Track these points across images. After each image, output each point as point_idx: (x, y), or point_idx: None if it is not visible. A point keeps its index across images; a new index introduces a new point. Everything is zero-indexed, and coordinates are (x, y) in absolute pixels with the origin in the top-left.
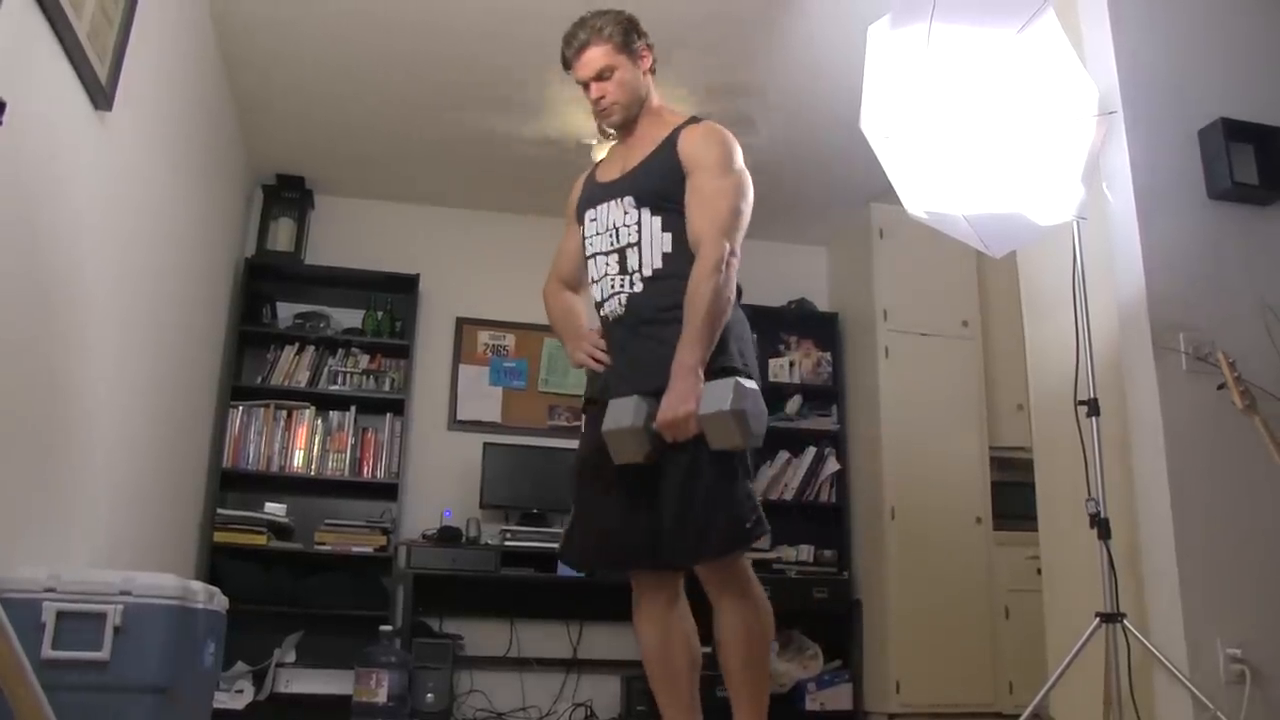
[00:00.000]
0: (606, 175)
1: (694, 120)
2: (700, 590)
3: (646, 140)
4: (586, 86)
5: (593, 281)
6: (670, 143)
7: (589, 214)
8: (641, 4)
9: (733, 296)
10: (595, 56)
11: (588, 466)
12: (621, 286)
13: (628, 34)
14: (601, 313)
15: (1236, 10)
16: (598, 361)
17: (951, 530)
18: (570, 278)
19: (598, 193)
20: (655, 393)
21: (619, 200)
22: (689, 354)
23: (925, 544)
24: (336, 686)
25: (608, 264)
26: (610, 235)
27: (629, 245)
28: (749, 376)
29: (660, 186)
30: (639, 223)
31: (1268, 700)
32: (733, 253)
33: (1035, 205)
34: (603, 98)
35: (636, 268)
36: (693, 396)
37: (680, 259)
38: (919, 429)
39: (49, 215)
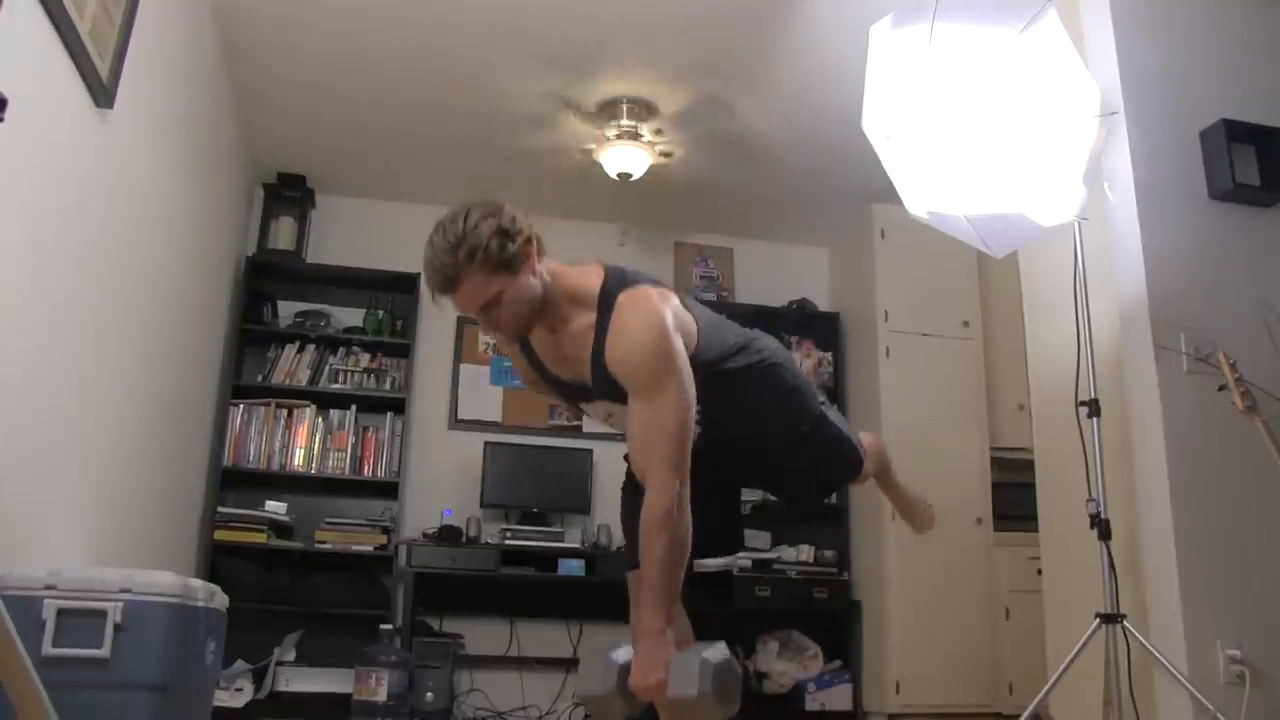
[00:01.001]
0: (560, 371)
1: (605, 302)
2: (708, 591)
3: (572, 340)
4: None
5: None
6: (600, 363)
7: (580, 404)
8: (642, 6)
9: (687, 538)
10: (473, 292)
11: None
12: None
13: (503, 247)
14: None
15: (1238, 12)
16: None
17: (952, 531)
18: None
19: (572, 391)
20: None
21: (600, 401)
22: (648, 619)
23: (925, 544)
24: (336, 685)
25: (610, 425)
26: (604, 421)
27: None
28: (817, 399)
29: (621, 390)
30: (625, 408)
31: (1267, 701)
32: (682, 482)
33: (1036, 205)
34: (496, 324)
35: None
36: (661, 664)
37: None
38: (920, 429)
39: (50, 213)
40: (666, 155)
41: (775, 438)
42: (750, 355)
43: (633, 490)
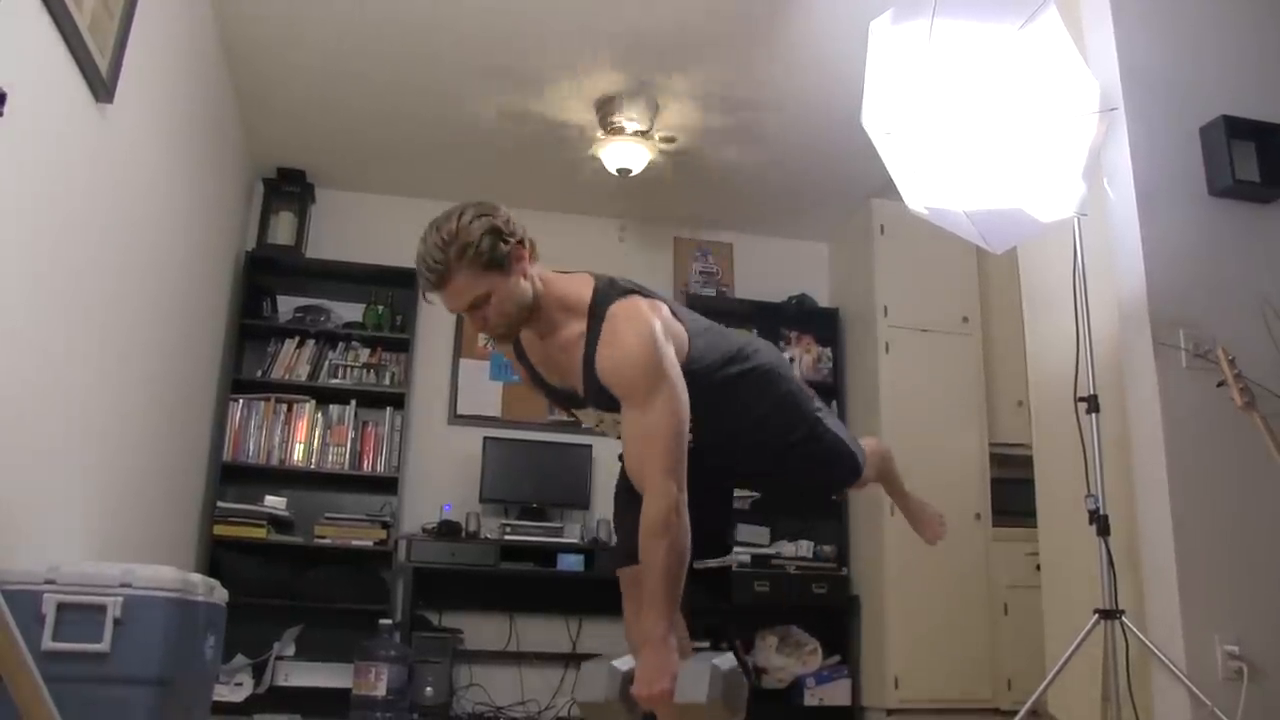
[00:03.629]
0: (552, 377)
1: (596, 313)
2: (707, 587)
3: (563, 349)
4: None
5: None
6: (591, 373)
7: (571, 409)
8: (641, 1)
9: (686, 544)
10: (461, 289)
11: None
12: None
13: (495, 248)
14: None
15: (1238, 7)
16: None
17: (951, 526)
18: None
19: (564, 399)
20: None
21: (589, 409)
22: (655, 625)
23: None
24: (336, 680)
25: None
26: (601, 426)
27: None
28: (823, 411)
29: (613, 399)
30: (619, 420)
31: (1265, 697)
32: (680, 488)
33: (1036, 201)
34: (485, 323)
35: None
36: (667, 672)
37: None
38: (919, 425)
39: (50, 208)
40: (666, 151)
41: (767, 443)
42: (742, 363)
43: (626, 490)
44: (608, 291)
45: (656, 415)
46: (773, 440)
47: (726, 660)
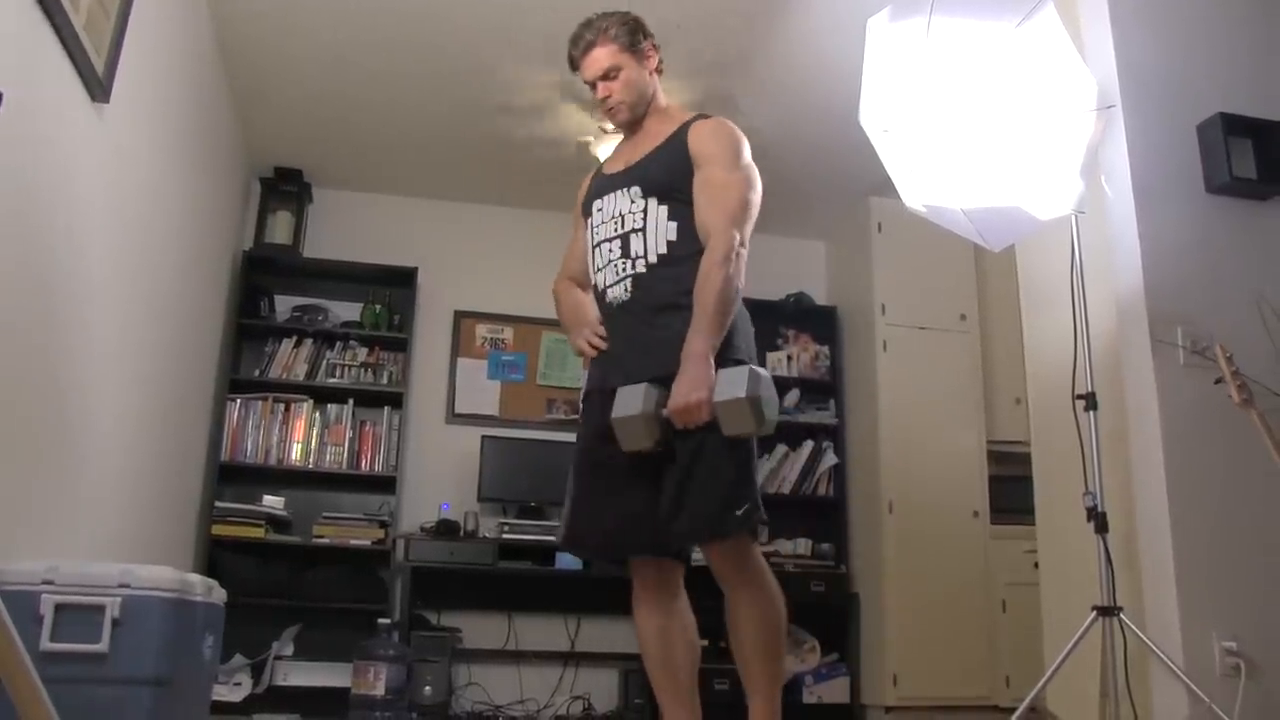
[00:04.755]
0: (613, 168)
1: (702, 116)
2: (700, 585)
3: (654, 135)
4: (593, 86)
5: (596, 270)
6: (679, 136)
7: (595, 204)
8: None
9: (741, 286)
10: (601, 57)
11: (588, 458)
12: (626, 271)
13: (634, 34)
14: (605, 300)
15: (1235, 5)
16: (594, 348)
17: (949, 524)
18: (580, 277)
19: (604, 185)
20: (662, 380)
21: (625, 190)
22: (700, 341)
23: (923, 538)
24: (334, 679)
25: (610, 250)
26: (615, 222)
27: (633, 230)
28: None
29: (668, 177)
30: (644, 210)
31: (1262, 693)
32: (742, 243)
33: (1034, 199)
34: (609, 96)
35: (641, 253)
36: (705, 383)
37: (685, 248)
38: (917, 423)
39: (46, 208)
40: None
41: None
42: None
43: (597, 466)
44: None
45: (735, 178)
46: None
47: (763, 370)
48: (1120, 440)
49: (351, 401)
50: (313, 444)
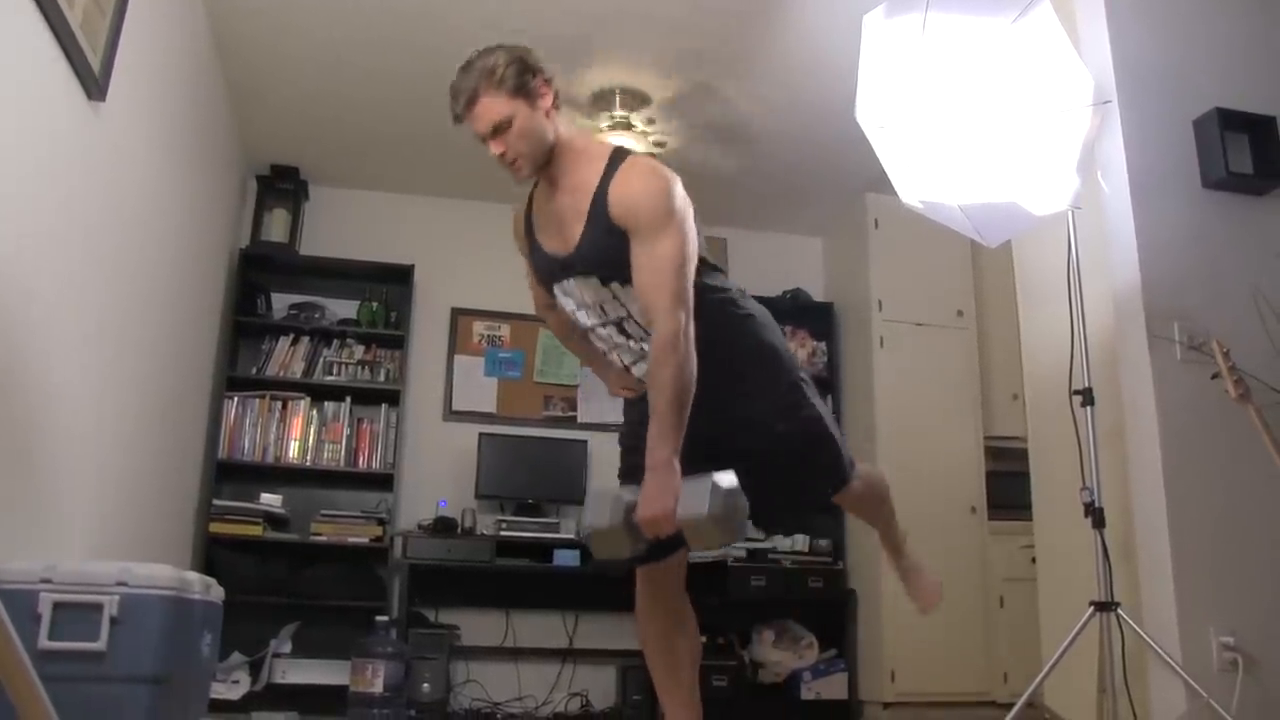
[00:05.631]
0: (550, 243)
1: (614, 161)
2: (700, 583)
3: (573, 200)
4: (485, 141)
5: (605, 350)
6: (600, 206)
7: (557, 289)
8: None
9: (693, 369)
10: (488, 109)
11: (626, 461)
12: (639, 351)
13: (521, 75)
14: (634, 374)
15: (1231, 1)
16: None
17: (946, 520)
18: (550, 309)
19: (554, 267)
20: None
21: (583, 279)
22: (659, 449)
23: (920, 533)
24: (333, 677)
25: (610, 335)
26: (596, 311)
27: (621, 319)
28: (807, 380)
29: (613, 260)
30: (616, 296)
31: (1260, 688)
32: (688, 318)
33: (1030, 195)
34: (504, 153)
35: (641, 334)
36: (670, 493)
37: None
38: (914, 419)
39: (42, 206)
40: (659, 145)
41: (751, 402)
42: (733, 294)
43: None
44: (631, 151)
45: (667, 246)
46: (757, 400)
47: (726, 478)
48: (1117, 436)
49: (349, 399)
50: (310, 442)
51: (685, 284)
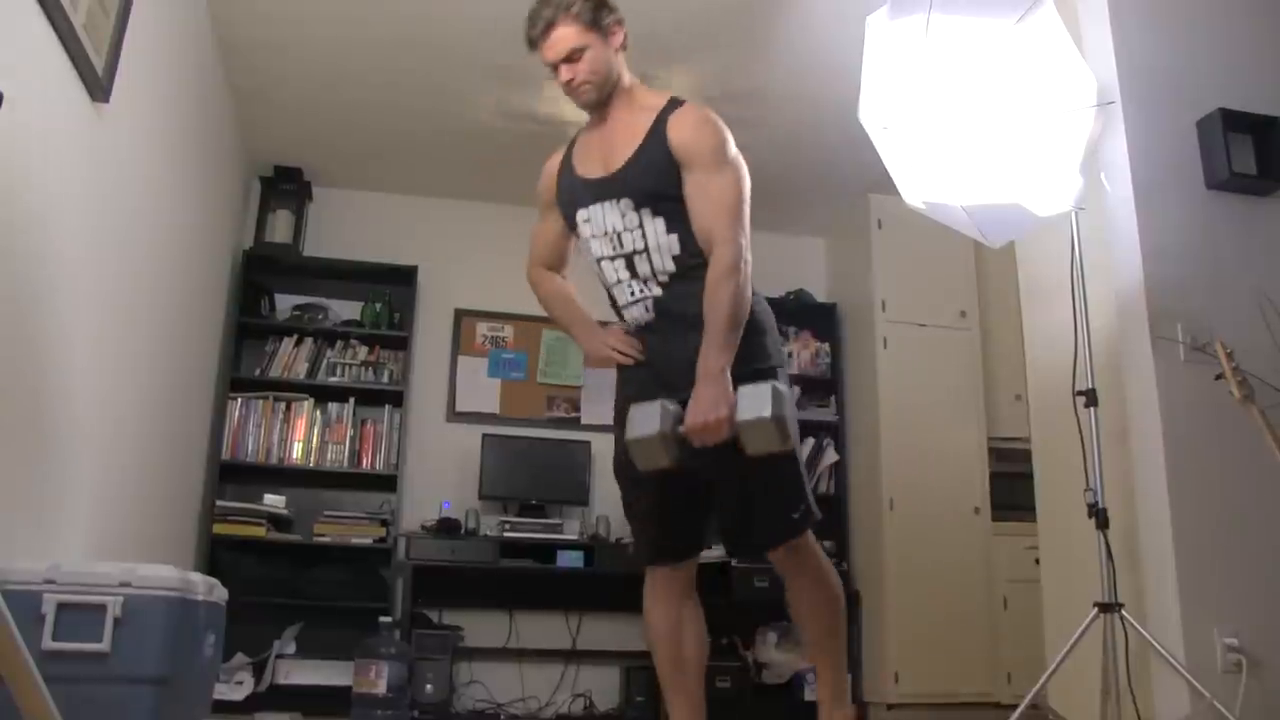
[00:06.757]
0: (588, 169)
1: (675, 102)
2: (705, 583)
3: (626, 127)
4: (555, 68)
5: (605, 284)
6: (658, 133)
7: (580, 214)
8: None
9: (749, 295)
10: (563, 37)
11: (626, 473)
12: (643, 293)
13: (597, 10)
14: (623, 317)
15: (1235, 1)
16: (624, 355)
17: (950, 521)
18: (552, 263)
19: (585, 192)
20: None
21: (614, 202)
22: (714, 359)
23: (924, 535)
24: (336, 678)
25: (616, 270)
26: (612, 240)
27: (636, 252)
28: (784, 373)
29: (657, 185)
30: (641, 226)
31: (1264, 689)
32: (746, 248)
33: (1033, 196)
34: (573, 79)
35: (650, 274)
36: (724, 402)
37: (692, 258)
38: (917, 420)
39: (46, 208)
40: None
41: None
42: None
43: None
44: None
45: (729, 180)
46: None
47: (783, 386)
48: (1121, 437)
49: (352, 400)
50: (314, 442)
51: (744, 214)
